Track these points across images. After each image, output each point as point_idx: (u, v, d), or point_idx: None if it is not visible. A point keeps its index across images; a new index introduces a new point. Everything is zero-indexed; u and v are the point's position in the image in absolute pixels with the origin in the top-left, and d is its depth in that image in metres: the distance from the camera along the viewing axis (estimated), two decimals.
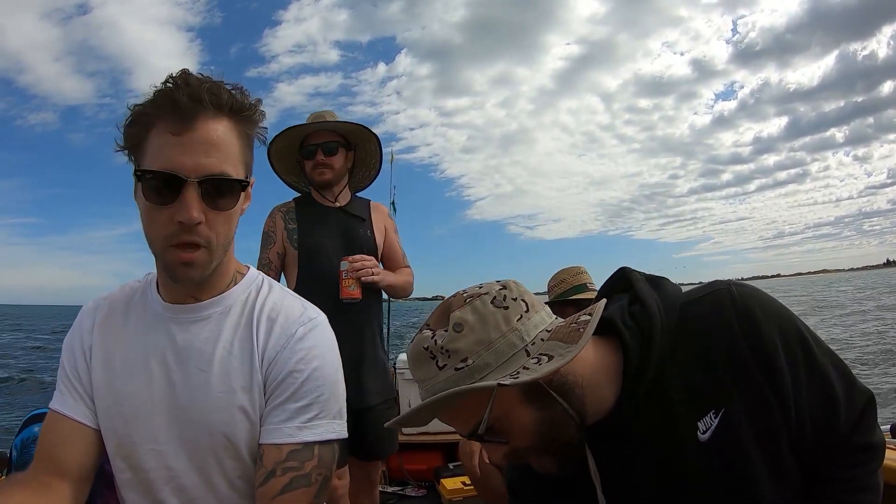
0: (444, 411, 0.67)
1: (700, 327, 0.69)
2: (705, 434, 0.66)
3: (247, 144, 0.75)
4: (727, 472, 0.66)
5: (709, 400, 0.67)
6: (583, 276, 1.93)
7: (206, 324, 0.78)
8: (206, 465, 0.76)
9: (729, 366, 0.67)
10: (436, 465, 2.81)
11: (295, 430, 0.74)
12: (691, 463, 0.66)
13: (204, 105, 0.68)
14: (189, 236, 0.69)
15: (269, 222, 1.78)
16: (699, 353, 0.68)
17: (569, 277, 1.93)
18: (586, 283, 1.90)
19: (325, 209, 1.78)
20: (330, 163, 1.73)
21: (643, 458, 0.69)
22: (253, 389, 0.76)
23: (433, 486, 2.72)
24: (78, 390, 0.79)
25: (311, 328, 0.79)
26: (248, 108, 0.74)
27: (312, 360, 0.77)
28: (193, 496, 0.77)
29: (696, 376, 0.67)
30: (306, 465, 0.74)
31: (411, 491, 2.77)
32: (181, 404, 0.76)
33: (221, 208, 0.71)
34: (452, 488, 2.49)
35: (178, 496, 0.77)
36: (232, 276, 0.82)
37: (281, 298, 0.83)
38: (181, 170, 0.67)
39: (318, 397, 0.76)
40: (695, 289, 0.75)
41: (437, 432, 2.98)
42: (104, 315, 0.83)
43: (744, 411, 0.66)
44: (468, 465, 1.81)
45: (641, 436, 0.69)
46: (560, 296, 1.91)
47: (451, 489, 2.49)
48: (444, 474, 2.64)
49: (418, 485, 2.83)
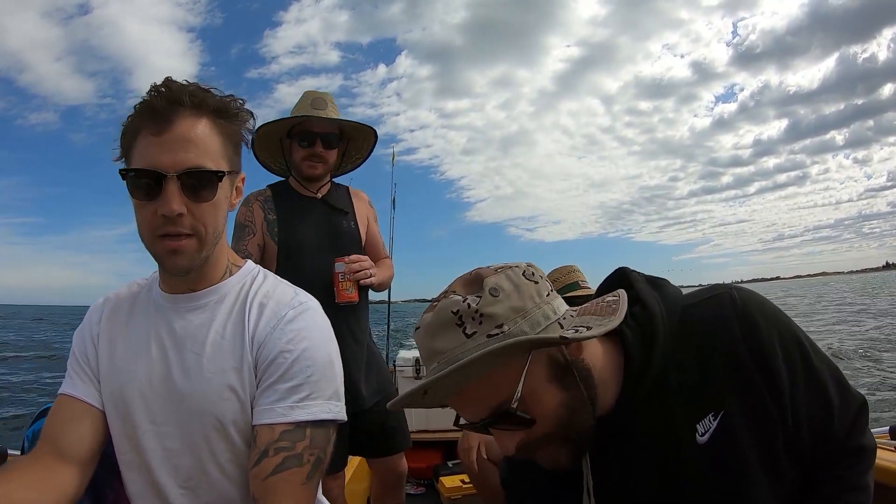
0: (463, 387, 0.63)
1: (701, 329, 0.69)
2: (704, 436, 0.67)
3: (230, 143, 0.80)
4: (725, 474, 0.66)
5: (708, 402, 0.68)
6: (574, 274, 1.95)
7: (202, 311, 0.83)
8: (198, 447, 0.79)
9: (728, 368, 0.67)
10: (435, 462, 2.82)
11: (287, 410, 0.76)
12: (690, 464, 0.67)
13: (183, 105, 0.74)
14: (173, 227, 0.74)
15: (245, 211, 1.60)
16: (699, 355, 0.69)
17: (561, 276, 1.95)
18: (578, 281, 1.92)
19: (307, 200, 1.66)
20: (327, 156, 1.62)
21: (642, 458, 0.69)
22: (243, 370, 0.79)
23: (432, 485, 2.74)
24: (87, 373, 0.84)
25: (302, 311, 0.82)
26: (229, 108, 0.78)
27: (302, 341, 0.79)
28: (187, 477, 0.80)
29: (695, 378, 0.68)
30: (297, 445, 0.75)
31: (410, 489, 2.79)
32: (176, 386, 0.79)
33: (203, 199, 0.75)
34: (451, 486, 2.51)
35: (173, 476, 0.80)
36: (226, 268, 0.86)
37: (274, 286, 0.86)
38: (161, 166, 0.73)
39: (308, 377, 0.78)
40: (695, 291, 0.75)
41: (437, 430, 3.01)
42: (111, 308, 0.89)
43: (742, 414, 0.67)
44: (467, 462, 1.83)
45: (641, 436, 0.69)
46: None
47: (449, 487, 2.51)
48: (443, 472, 2.65)
49: (417, 483, 2.84)
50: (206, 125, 0.76)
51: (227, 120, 0.79)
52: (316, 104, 1.61)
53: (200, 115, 0.75)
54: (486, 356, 0.58)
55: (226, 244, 0.87)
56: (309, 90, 1.67)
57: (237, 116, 0.80)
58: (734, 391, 0.67)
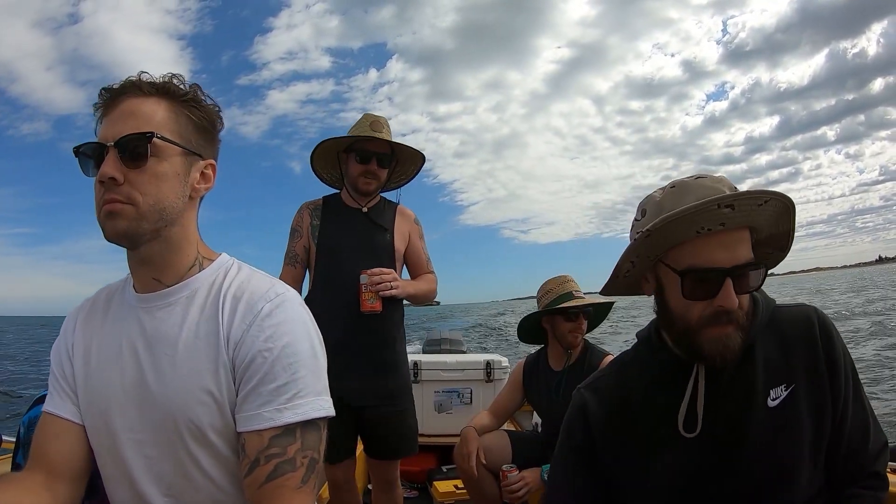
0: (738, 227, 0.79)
1: (788, 322, 0.87)
2: (775, 401, 0.82)
3: (185, 122, 0.79)
4: (784, 439, 0.80)
5: (783, 375, 0.83)
6: (568, 284, 1.95)
7: (173, 309, 0.79)
8: (177, 453, 0.76)
9: (804, 356, 0.84)
10: (429, 467, 2.82)
11: (274, 413, 0.72)
12: (758, 423, 0.81)
13: (130, 88, 0.76)
14: (110, 194, 0.73)
15: (297, 217, 1.82)
16: (783, 339, 0.85)
17: (555, 287, 1.96)
18: (572, 291, 1.92)
19: (352, 211, 1.80)
20: (380, 174, 1.77)
21: (724, 404, 0.83)
22: (219, 371, 0.75)
23: (425, 489, 2.73)
24: (65, 389, 0.82)
25: (279, 304, 0.77)
26: (174, 87, 0.79)
27: (282, 337, 0.75)
28: (170, 484, 0.77)
29: (777, 355, 0.84)
30: (289, 449, 0.72)
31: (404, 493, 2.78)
32: (151, 390, 0.76)
33: (138, 165, 0.73)
34: (444, 491, 2.50)
35: (156, 485, 0.77)
36: (196, 260, 0.82)
37: (248, 277, 0.82)
38: (103, 139, 0.74)
39: (293, 375, 0.74)
40: (786, 302, 0.92)
41: (432, 434, 3.00)
42: (85, 314, 0.86)
43: (806, 394, 0.82)
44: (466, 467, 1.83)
45: (728, 386, 0.83)
46: (548, 305, 1.94)
47: (443, 492, 2.50)
48: (437, 477, 2.65)
49: (410, 486, 2.83)
50: (154, 103, 0.77)
51: (176, 99, 0.78)
52: (374, 126, 1.76)
53: (148, 95, 0.77)
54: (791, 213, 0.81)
55: (195, 234, 0.83)
56: (368, 113, 1.82)
57: (185, 95, 0.79)
58: (805, 374, 0.83)
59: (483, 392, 3.08)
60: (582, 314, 1.90)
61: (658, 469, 0.86)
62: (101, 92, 0.78)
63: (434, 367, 3.11)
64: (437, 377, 3.09)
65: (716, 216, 0.76)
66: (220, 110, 0.84)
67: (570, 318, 1.89)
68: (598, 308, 1.98)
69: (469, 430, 1.89)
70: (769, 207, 0.79)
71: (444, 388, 3.09)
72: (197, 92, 0.81)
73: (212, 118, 0.83)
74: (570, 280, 1.97)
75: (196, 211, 0.83)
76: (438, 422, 3.06)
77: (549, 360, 2.01)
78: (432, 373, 3.09)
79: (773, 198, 0.78)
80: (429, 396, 3.07)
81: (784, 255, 0.90)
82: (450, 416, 3.06)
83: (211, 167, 0.83)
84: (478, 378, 3.10)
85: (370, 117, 1.79)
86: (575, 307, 1.88)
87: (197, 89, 0.81)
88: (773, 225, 0.84)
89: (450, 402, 3.09)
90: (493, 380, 3.08)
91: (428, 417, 3.04)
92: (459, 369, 3.11)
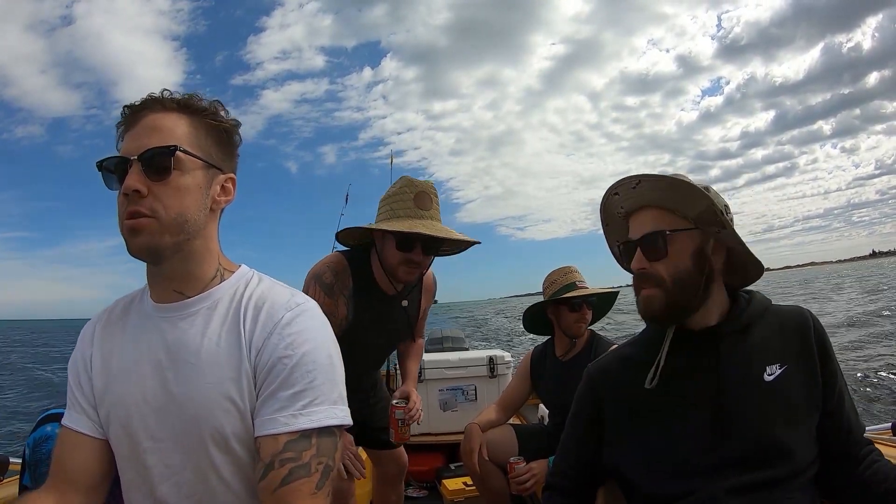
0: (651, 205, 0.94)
1: (785, 312, 0.97)
2: (770, 377, 0.91)
3: (207, 135, 0.81)
4: (776, 408, 0.89)
5: (778, 356, 0.92)
6: (572, 274, 1.97)
7: (195, 319, 0.80)
8: (199, 460, 0.77)
9: (799, 343, 0.93)
10: (437, 465, 2.83)
11: (290, 419, 0.73)
12: (754, 392, 0.90)
13: (152, 104, 0.78)
14: (133, 206, 0.74)
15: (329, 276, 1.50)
16: (780, 326, 0.95)
17: (559, 278, 1.97)
18: (575, 281, 1.94)
19: (387, 300, 1.58)
20: (425, 262, 1.48)
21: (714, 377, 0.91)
22: (241, 379, 0.76)
23: (435, 487, 2.74)
24: (81, 404, 0.83)
25: (299, 313, 0.79)
26: (194, 102, 0.80)
27: (302, 345, 0.76)
28: (190, 492, 0.78)
29: (773, 338, 0.94)
30: (304, 454, 0.73)
31: (413, 492, 2.79)
32: (173, 398, 0.77)
33: (161, 178, 0.75)
34: (454, 489, 2.51)
35: (175, 493, 0.78)
36: (217, 271, 0.83)
37: (269, 288, 0.83)
38: (127, 153, 0.76)
39: (311, 382, 0.75)
40: None
41: (439, 433, 3.02)
42: (103, 325, 0.87)
43: (799, 373, 0.91)
44: (469, 464, 1.84)
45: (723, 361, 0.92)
46: (552, 295, 1.95)
47: (452, 489, 2.51)
48: (446, 475, 2.66)
49: (420, 486, 2.84)
50: (175, 117, 0.78)
51: (197, 114, 0.80)
52: (421, 202, 1.45)
53: (169, 110, 0.79)
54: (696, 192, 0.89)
55: (216, 246, 0.84)
56: (407, 176, 1.50)
57: (205, 110, 0.81)
58: (799, 357, 0.92)
59: (487, 388, 3.09)
60: (585, 304, 1.91)
61: (658, 438, 0.93)
62: (123, 109, 0.80)
63: (437, 366, 3.11)
64: (441, 375, 3.10)
65: (614, 202, 0.99)
66: (239, 125, 0.86)
67: (574, 309, 1.91)
68: (602, 298, 1.99)
69: (472, 426, 1.90)
70: (646, 187, 0.93)
71: (448, 385, 3.10)
72: (217, 107, 0.83)
73: (231, 133, 0.84)
74: (574, 271, 1.98)
75: (217, 223, 0.85)
76: (444, 420, 3.06)
77: (556, 349, 2.03)
78: (436, 371, 3.10)
79: (644, 179, 0.92)
80: (433, 395, 3.08)
81: (725, 230, 0.92)
82: (455, 413, 3.07)
83: (231, 181, 0.84)
84: (481, 374, 3.11)
85: (413, 186, 1.46)
86: (578, 297, 1.89)
87: (217, 104, 0.83)
88: (687, 203, 0.92)
89: (454, 399, 3.10)
90: (496, 375, 3.09)
91: (434, 416, 3.05)
92: (462, 366, 3.12)
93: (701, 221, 0.92)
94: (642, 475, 0.94)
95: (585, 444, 1.04)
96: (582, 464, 1.05)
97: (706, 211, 0.91)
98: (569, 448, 1.08)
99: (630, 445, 0.97)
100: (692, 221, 0.92)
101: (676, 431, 0.92)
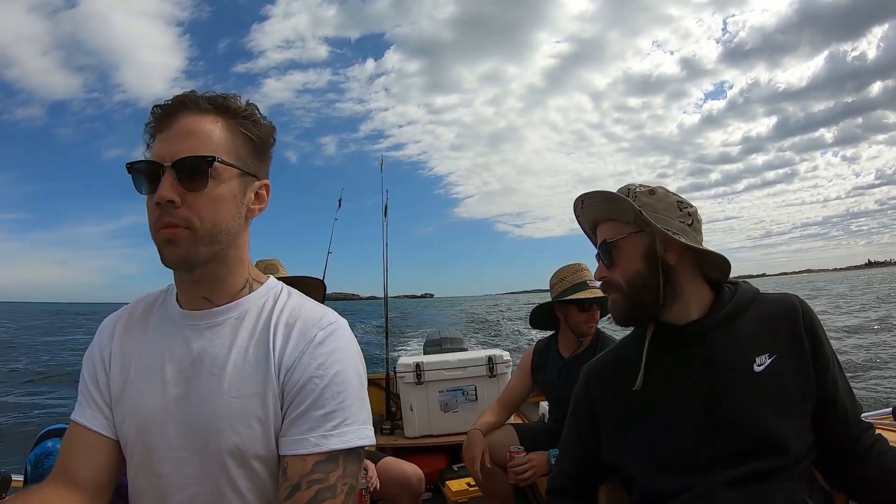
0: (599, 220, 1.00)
1: (773, 301, 0.97)
2: (760, 367, 0.90)
3: (243, 141, 0.77)
4: (768, 399, 0.89)
5: (767, 346, 0.92)
6: (583, 273, 1.92)
7: (222, 329, 0.78)
8: (216, 473, 0.75)
9: (787, 332, 0.93)
10: (440, 467, 2.83)
11: (320, 440, 0.72)
12: (744, 384, 0.90)
13: (186, 105, 0.74)
14: (167, 216, 0.71)
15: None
16: (767, 316, 0.95)
17: (569, 275, 1.93)
18: (586, 280, 1.90)
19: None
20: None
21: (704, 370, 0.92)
22: (267, 396, 0.75)
23: (438, 489, 2.74)
24: (97, 401, 0.81)
25: (331, 332, 0.78)
26: (231, 103, 0.77)
27: (333, 365, 0.75)
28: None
29: (761, 328, 0.93)
30: (331, 476, 0.72)
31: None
32: (193, 410, 0.75)
33: (197, 188, 0.72)
34: (457, 490, 2.51)
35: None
36: (246, 282, 0.82)
37: (300, 304, 0.82)
38: (159, 157, 0.72)
39: (341, 403, 0.74)
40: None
41: (441, 434, 3.01)
42: (124, 324, 0.85)
43: (789, 363, 0.91)
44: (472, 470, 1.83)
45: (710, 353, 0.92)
46: (561, 293, 1.92)
47: (455, 491, 2.51)
48: (449, 476, 2.65)
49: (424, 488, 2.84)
50: (211, 120, 0.75)
51: (233, 117, 0.77)
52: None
53: (204, 113, 0.75)
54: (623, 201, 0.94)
55: (247, 255, 0.82)
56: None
57: (243, 112, 0.78)
58: (788, 345, 0.92)
59: (487, 388, 3.09)
60: (595, 304, 1.89)
61: (651, 435, 0.95)
62: (153, 109, 0.76)
63: (436, 368, 3.11)
64: (441, 377, 3.10)
65: (581, 223, 1.05)
66: (276, 130, 0.83)
67: (583, 309, 1.89)
68: None
69: (474, 432, 1.89)
70: (589, 204, 1.00)
71: (448, 387, 3.10)
72: (254, 111, 0.79)
73: (267, 138, 0.81)
74: (584, 269, 1.94)
75: (248, 232, 0.82)
76: (445, 421, 3.06)
77: (560, 346, 2.02)
78: (435, 373, 3.10)
79: (586, 198, 0.99)
80: (433, 397, 3.08)
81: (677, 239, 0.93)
82: (456, 414, 3.07)
83: (265, 187, 0.82)
84: (481, 374, 3.11)
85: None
86: (589, 299, 1.87)
87: (253, 108, 0.80)
88: (622, 211, 0.96)
89: (455, 400, 3.10)
90: (496, 374, 3.09)
91: (435, 418, 3.05)
92: (462, 367, 3.12)
93: (640, 224, 0.95)
94: (640, 472, 0.96)
95: (584, 443, 1.05)
96: (582, 463, 1.06)
97: (638, 214, 0.93)
98: (568, 448, 1.09)
99: (626, 443, 0.98)
100: (633, 225, 0.96)
101: (669, 427, 0.93)
